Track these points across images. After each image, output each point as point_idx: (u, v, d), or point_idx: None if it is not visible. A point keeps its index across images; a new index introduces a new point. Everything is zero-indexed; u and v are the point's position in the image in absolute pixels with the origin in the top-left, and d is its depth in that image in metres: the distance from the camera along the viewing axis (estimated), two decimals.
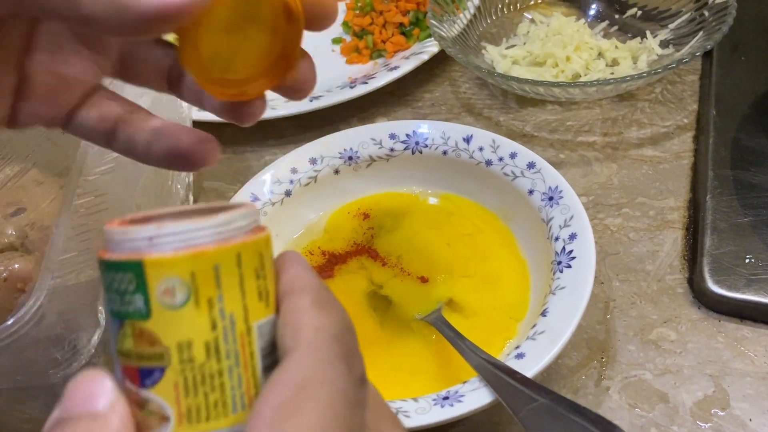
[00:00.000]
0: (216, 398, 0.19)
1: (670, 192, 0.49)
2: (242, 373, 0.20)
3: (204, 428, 0.19)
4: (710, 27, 0.53)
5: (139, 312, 0.19)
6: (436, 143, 0.47)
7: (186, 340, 0.19)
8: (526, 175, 0.43)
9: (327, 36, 0.67)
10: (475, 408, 0.33)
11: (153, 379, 0.19)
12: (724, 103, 0.52)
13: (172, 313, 0.19)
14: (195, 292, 0.19)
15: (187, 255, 0.19)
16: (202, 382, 0.19)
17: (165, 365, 0.19)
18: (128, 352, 0.20)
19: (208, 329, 0.19)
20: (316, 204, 0.47)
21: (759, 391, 0.38)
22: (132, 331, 0.19)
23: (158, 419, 0.19)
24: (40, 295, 0.32)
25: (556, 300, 0.37)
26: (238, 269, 0.20)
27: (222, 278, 0.19)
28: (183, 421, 0.19)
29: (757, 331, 0.41)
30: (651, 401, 0.39)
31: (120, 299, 0.19)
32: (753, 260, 0.42)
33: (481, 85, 0.60)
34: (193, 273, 0.19)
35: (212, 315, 0.19)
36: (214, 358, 0.19)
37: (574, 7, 0.62)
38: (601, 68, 0.56)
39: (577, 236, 0.39)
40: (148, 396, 0.19)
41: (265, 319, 0.20)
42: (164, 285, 0.19)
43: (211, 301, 0.19)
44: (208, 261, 0.19)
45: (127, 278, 0.19)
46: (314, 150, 0.48)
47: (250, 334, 0.20)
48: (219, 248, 0.19)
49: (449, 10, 0.59)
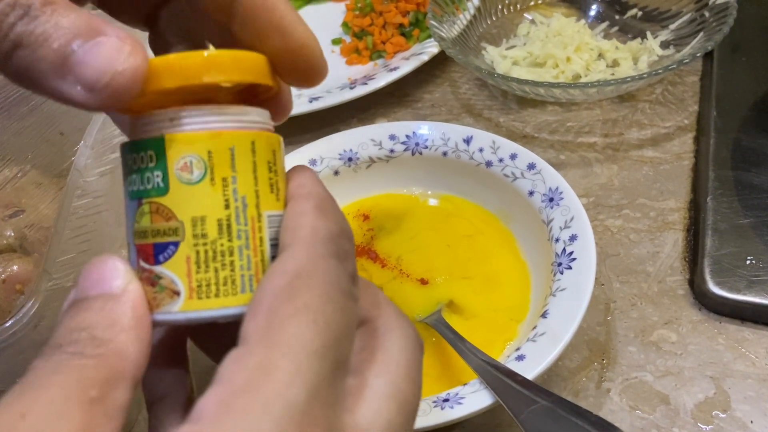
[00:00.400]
0: (226, 276, 0.20)
1: (670, 193, 0.49)
2: (251, 255, 0.21)
3: (213, 305, 0.20)
4: (711, 28, 0.53)
5: (157, 188, 0.20)
6: (436, 144, 0.47)
7: (200, 215, 0.20)
8: (527, 176, 0.43)
9: (327, 37, 0.67)
10: (475, 410, 0.33)
11: (167, 254, 0.20)
12: (725, 103, 0.52)
13: (188, 189, 0.20)
14: (211, 169, 0.20)
15: (205, 134, 0.20)
16: (213, 258, 0.20)
17: (179, 240, 0.20)
18: (144, 230, 0.21)
19: (221, 207, 0.20)
20: None
21: (760, 392, 0.38)
22: (149, 208, 0.20)
23: (169, 295, 0.20)
24: (39, 297, 0.32)
25: (557, 302, 0.37)
26: (252, 156, 0.21)
27: (237, 161, 0.21)
28: (193, 296, 0.20)
29: (758, 333, 0.41)
30: (652, 403, 0.39)
31: (140, 178, 0.21)
32: (754, 261, 0.42)
33: (481, 86, 0.60)
34: (210, 151, 0.20)
35: (226, 194, 0.20)
36: (225, 235, 0.20)
37: (575, 8, 0.62)
38: (601, 69, 0.56)
39: (577, 237, 0.39)
40: (160, 272, 0.20)
41: (276, 212, 0.21)
42: (182, 161, 0.20)
43: (226, 181, 0.20)
44: (224, 142, 0.20)
45: (148, 155, 0.20)
46: (314, 151, 0.47)
47: (261, 221, 0.21)
48: (235, 132, 0.21)
49: (449, 10, 0.59)
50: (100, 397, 0.18)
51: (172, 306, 0.20)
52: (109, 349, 0.19)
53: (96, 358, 0.19)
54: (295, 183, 0.22)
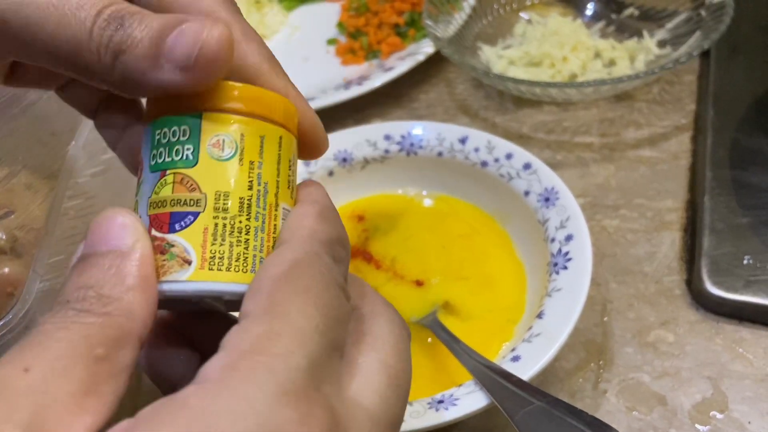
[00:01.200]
0: (239, 252, 0.21)
1: (667, 193, 0.49)
2: (265, 239, 0.22)
3: (223, 278, 0.21)
4: (707, 27, 0.52)
5: (185, 160, 0.21)
6: (431, 144, 0.46)
7: (224, 190, 0.21)
8: (522, 176, 0.43)
9: (322, 37, 0.67)
10: (470, 411, 0.33)
11: (184, 223, 0.21)
12: (723, 103, 0.51)
13: (217, 164, 0.21)
14: (241, 150, 0.21)
15: (241, 118, 0.22)
16: (230, 233, 0.21)
17: (199, 210, 0.21)
18: (164, 199, 0.21)
19: (245, 187, 0.21)
20: None
21: (758, 393, 0.38)
22: (173, 179, 0.21)
23: (179, 263, 0.21)
24: (29, 299, 0.32)
25: (553, 302, 0.36)
26: (278, 149, 0.22)
27: (265, 149, 0.22)
28: (205, 267, 0.21)
29: (756, 333, 0.40)
30: (649, 404, 0.38)
31: (168, 150, 0.21)
32: (752, 261, 0.42)
33: (478, 86, 0.60)
34: (242, 134, 0.21)
35: (251, 176, 0.21)
36: (245, 214, 0.21)
37: (571, 7, 0.62)
38: (598, 68, 0.56)
39: (573, 237, 0.39)
40: (173, 239, 0.21)
41: (289, 207, 0.23)
42: (216, 138, 0.21)
43: (252, 165, 0.21)
44: (257, 129, 0.22)
45: (182, 129, 0.21)
46: None
47: (277, 209, 0.22)
48: (267, 124, 0.22)
49: (445, 10, 0.59)
50: (106, 356, 0.18)
51: (181, 275, 0.21)
52: (116, 308, 0.19)
53: (103, 317, 0.19)
54: (304, 191, 0.23)
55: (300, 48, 0.67)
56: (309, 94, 0.58)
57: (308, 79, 0.62)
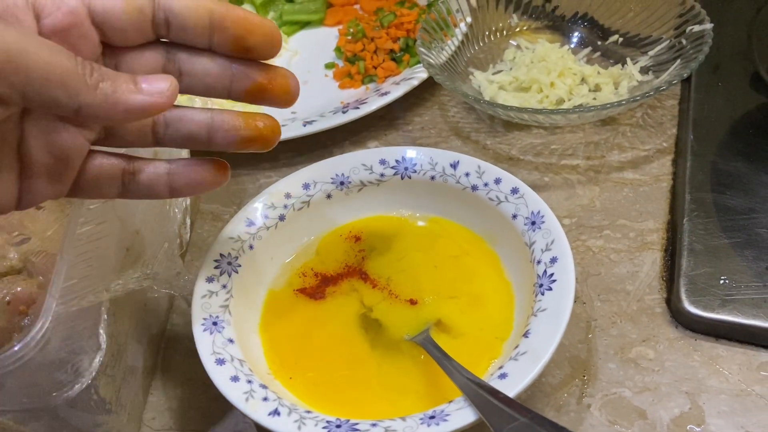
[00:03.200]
0: None
1: (649, 214, 0.51)
2: None
3: None
4: (688, 55, 0.55)
5: None
6: (424, 169, 0.49)
7: None
8: (510, 200, 0.45)
9: (320, 61, 0.69)
10: (459, 427, 0.35)
11: None
12: (702, 128, 0.54)
13: None
14: None
15: None
16: None
17: None
18: None
19: None
20: (309, 228, 0.49)
21: (733, 407, 0.40)
22: None
23: None
24: (45, 321, 0.34)
25: (538, 321, 0.38)
26: None
27: None
28: None
29: (731, 350, 0.43)
30: (630, 418, 0.40)
31: None
32: (728, 281, 0.44)
33: (469, 110, 0.62)
34: None
35: None
36: None
37: (558, 34, 0.64)
38: (584, 93, 0.58)
39: (557, 260, 0.41)
40: None
41: None
42: None
43: None
44: None
45: None
46: (307, 175, 0.49)
47: None
48: None
49: (438, 37, 0.61)
50: None
51: None
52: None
53: None
54: None
55: (299, 71, 0.68)
56: (307, 118, 0.61)
57: (307, 102, 0.65)
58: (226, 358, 0.39)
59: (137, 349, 0.45)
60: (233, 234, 0.46)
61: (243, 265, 0.45)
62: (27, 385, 0.35)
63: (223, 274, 0.44)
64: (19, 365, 0.33)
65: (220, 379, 0.38)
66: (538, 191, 0.45)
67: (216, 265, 0.44)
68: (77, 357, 0.37)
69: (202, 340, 0.40)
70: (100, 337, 0.38)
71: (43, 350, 0.34)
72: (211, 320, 0.41)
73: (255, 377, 0.39)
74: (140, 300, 0.46)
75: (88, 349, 0.38)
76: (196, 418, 0.45)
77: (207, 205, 0.58)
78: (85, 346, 0.37)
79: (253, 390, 0.38)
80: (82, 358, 0.37)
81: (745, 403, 0.40)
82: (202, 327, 0.41)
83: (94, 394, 0.38)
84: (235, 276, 0.44)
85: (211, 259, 0.44)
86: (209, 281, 0.43)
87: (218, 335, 0.40)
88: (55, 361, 0.35)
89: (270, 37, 0.33)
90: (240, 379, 0.38)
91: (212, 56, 0.33)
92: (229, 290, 0.43)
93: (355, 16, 0.72)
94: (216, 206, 0.58)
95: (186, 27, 0.32)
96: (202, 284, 0.43)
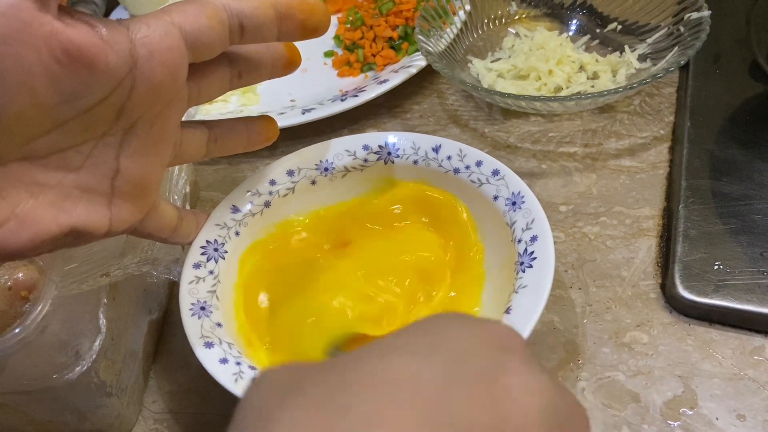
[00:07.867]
0: None
1: (645, 201, 0.51)
2: None
3: None
4: (685, 42, 0.55)
5: None
6: (407, 153, 0.49)
7: None
8: (491, 182, 0.45)
9: (319, 49, 0.69)
10: None
11: None
12: (699, 115, 0.54)
13: None
14: None
15: None
16: None
17: None
18: None
19: None
20: (295, 213, 0.49)
21: (725, 391, 0.41)
22: None
23: None
24: (46, 304, 0.34)
25: (519, 298, 0.39)
26: None
27: None
28: None
29: (724, 335, 0.43)
30: (623, 401, 0.41)
31: None
32: (722, 267, 0.44)
33: (468, 97, 0.62)
34: None
35: None
36: None
37: (557, 22, 0.65)
38: (582, 81, 0.58)
39: (537, 238, 0.41)
40: None
41: None
42: None
43: None
44: None
45: None
46: (291, 162, 0.49)
47: None
48: None
49: (436, 25, 0.62)
50: None
51: None
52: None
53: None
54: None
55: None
56: (307, 105, 0.61)
57: (307, 90, 0.65)
58: (215, 341, 0.40)
59: (137, 334, 0.45)
60: (219, 221, 0.46)
61: (229, 251, 0.45)
62: (28, 367, 0.36)
63: (210, 260, 0.44)
64: (20, 347, 0.33)
65: (210, 362, 0.38)
66: (535, 179, 0.45)
67: (203, 252, 0.44)
68: (77, 340, 0.37)
69: (190, 324, 0.40)
70: (100, 321, 0.39)
71: (44, 333, 0.34)
72: (198, 305, 0.41)
73: (244, 359, 0.39)
74: (140, 285, 0.46)
75: (88, 332, 0.38)
76: (196, 401, 0.45)
77: (207, 192, 0.59)
78: (84, 329, 0.38)
79: (242, 371, 0.38)
80: (82, 341, 0.38)
81: (737, 387, 0.40)
82: (190, 312, 0.41)
83: (94, 377, 0.39)
84: (222, 262, 0.44)
85: (197, 245, 0.44)
86: (196, 267, 0.43)
87: (206, 320, 0.41)
88: (55, 343, 0.36)
89: (326, 13, 0.36)
90: (229, 361, 0.39)
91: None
92: (216, 276, 0.44)
93: (354, 4, 0.72)
94: (216, 194, 0.58)
95: (260, 26, 0.33)
96: (189, 270, 0.43)
